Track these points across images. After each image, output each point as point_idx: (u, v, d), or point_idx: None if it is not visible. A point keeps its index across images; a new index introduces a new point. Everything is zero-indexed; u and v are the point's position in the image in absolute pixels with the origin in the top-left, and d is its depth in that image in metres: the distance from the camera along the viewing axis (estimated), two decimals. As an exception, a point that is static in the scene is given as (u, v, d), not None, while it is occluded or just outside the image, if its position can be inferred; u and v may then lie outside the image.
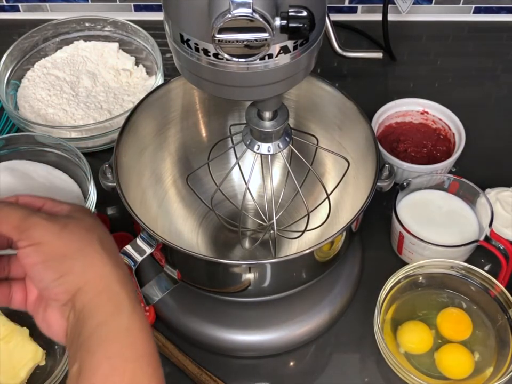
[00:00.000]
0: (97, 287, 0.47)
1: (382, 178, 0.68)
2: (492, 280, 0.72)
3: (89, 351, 0.45)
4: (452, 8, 1.10)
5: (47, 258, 0.46)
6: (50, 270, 0.47)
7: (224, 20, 0.43)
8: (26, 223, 0.47)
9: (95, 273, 0.47)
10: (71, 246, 0.47)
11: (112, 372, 0.45)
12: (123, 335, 0.46)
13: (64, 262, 0.47)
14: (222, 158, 0.79)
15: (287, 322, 0.75)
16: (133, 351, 0.46)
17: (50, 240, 0.47)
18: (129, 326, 0.47)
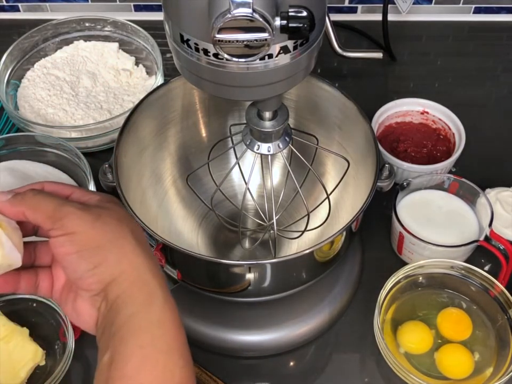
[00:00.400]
0: (130, 277, 0.47)
1: (382, 178, 0.68)
2: (492, 280, 0.72)
3: (122, 340, 0.45)
4: (452, 8, 1.10)
5: (81, 249, 0.46)
6: (84, 261, 0.47)
7: (224, 20, 0.43)
8: (59, 212, 0.47)
9: (129, 264, 0.47)
10: (105, 236, 0.47)
11: (144, 362, 0.45)
12: (155, 326, 0.46)
13: (98, 253, 0.47)
14: (222, 158, 0.79)
15: (287, 322, 0.75)
16: (165, 342, 0.46)
17: (84, 230, 0.47)
18: (161, 317, 0.47)
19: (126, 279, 0.47)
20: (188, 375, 0.47)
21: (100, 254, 0.47)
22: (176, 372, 0.46)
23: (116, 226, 0.48)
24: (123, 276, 0.47)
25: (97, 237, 0.47)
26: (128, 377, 0.44)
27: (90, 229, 0.47)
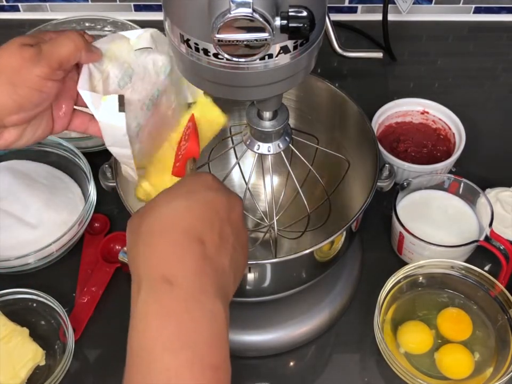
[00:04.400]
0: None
1: (382, 178, 0.68)
2: (492, 280, 0.72)
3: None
4: (452, 8, 1.10)
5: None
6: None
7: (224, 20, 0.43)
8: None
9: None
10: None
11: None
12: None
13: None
14: (222, 158, 0.79)
15: (287, 322, 0.75)
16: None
17: None
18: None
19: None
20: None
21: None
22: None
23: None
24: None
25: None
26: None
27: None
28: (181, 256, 0.45)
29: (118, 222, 0.85)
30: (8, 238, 0.80)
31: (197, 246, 0.45)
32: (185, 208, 0.47)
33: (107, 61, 0.56)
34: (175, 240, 0.45)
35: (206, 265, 0.45)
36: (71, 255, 0.82)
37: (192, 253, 0.45)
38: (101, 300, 0.77)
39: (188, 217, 0.47)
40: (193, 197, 0.48)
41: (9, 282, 0.77)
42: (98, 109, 0.54)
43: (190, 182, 0.51)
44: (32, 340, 0.71)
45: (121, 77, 0.57)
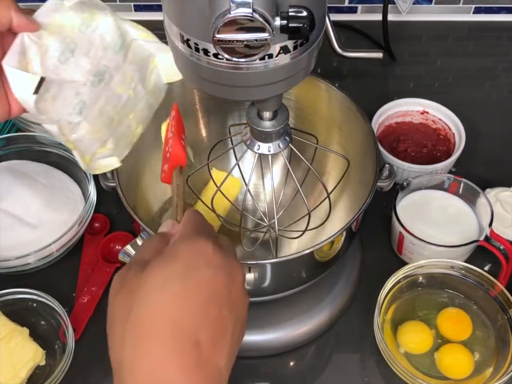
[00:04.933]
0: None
1: (382, 178, 0.68)
2: (492, 280, 0.72)
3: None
4: (452, 8, 1.10)
5: None
6: None
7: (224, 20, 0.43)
8: None
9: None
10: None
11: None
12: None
13: None
14: (222, 158, 0.79)
15: (287, 322, 0.75)
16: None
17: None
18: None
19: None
20: None
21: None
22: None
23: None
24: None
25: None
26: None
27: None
28: (172, 367, 0.39)
29: (118, 222, 0.85)
30: (8, 238, 0.80)
31: (190, 351, 0.40)
32: (179, 297, 0.41)
33: (46, 34, 0.54)
34: (167, 346, 0.40)
35: (200, 373, 0.40)
36: (71, 255, 0.82)
37: (185, 361, 0.40)
38: (101, 300, 0.77)
39: (182, 312, 0.41)
40: (189, 280, 0.41)
41: (9, 282, 0.77)
42: (19, 88, 0.52)
43: (187, 254, 0.44)
44: (32, 340, 0.71)
45: (61, 52, 0.55)
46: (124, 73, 0.59)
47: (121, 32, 0.58)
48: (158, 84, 0.63)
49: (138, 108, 0.63)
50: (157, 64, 0.61)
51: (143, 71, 0.61)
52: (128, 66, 0.59)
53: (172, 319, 0.40)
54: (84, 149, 0.58)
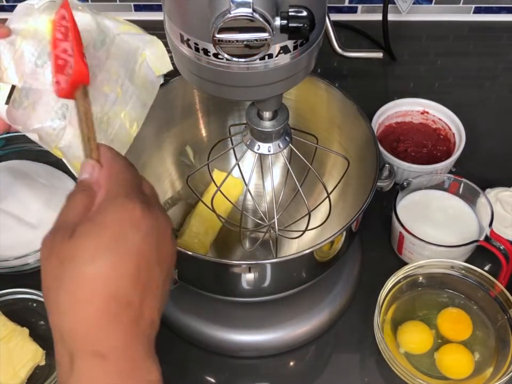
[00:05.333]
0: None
1: (382, 178, 0.68)
2: (492, 280, 0.72)
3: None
4: (452, 8, 1.10)
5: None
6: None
7: (224, 19, 0.43)
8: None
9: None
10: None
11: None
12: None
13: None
14: (222, 158, 0.79)
15: (287, 322, 0.75)
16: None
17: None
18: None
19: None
20: None
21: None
22: None
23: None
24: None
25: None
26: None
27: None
28: (110, 327, 0.42)
29: (118, 222, 0.85)
30: (8, 238, 0.80)
31: (124, 311, 0.42)
32: (110, 268, 0.42)
33: (20, 39, 0.53)
34: (102, 310, 0.41)
35: (136, 331, 0.43)
36: (71, 255, 0.81)
37: (121, 321, 0.42)
38: (101, 300, 0.77)
39: (113, 279, 0.42)
40: (119, 250, 0.42)
41: (9, 282, 0.77)
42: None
43: (114, 222, 0.43)
44: (32, 340, 0.71)
45: (38, 56, 0.53)
46: (107, 70, 0.57)
47: (101, 29, 0.56)
48: (149, 78, 0.61)
49: (129, 106, 0.61)
50: (146, 57, 0.60)
51: (130, 66, 0.60)
52: (111, 62, 0.57)
53: (104, 287, 0.42)
54: (76, 154, 0.56)
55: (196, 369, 0.74)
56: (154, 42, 0.61)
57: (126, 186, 0.46)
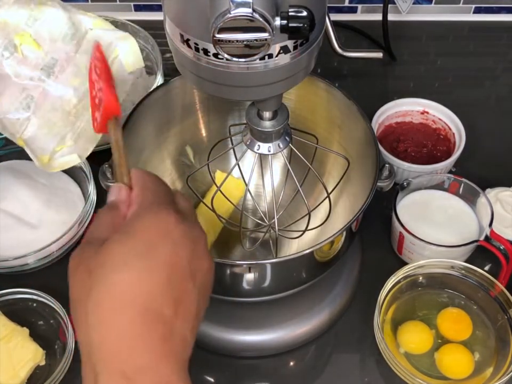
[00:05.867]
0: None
1: (382, 178, 0.68)
2: (492, 280, 0.72)
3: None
4: (452, 8, 1.10)
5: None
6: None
7: (224, 19, 0.43)
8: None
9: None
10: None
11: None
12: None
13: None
14: (222, 158, 0.79)
15: (287, 322, 0.75)
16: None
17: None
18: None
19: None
20: None
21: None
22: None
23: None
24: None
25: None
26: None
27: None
28: (141, 344, 0.39)
29: (118, 222, 0.85)
30: (8, 238, 0.80)
31: (156, 325, 0.40)
32: (141, 275, 0.40)
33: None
34: (133, 323, 0.39)
35: (167, 349, 0.40)
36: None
37: (152, 338, 0.40)
38: (101, 300, 0.77)
39: (146, 289, 0.40)
40: (150, 258, 0.41)
41: (9, 282, 0.77)
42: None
43: (146, 230, 0.42)
44: (32, 340, 0.71)
45: (4, 47, 0.53)
46: (76, 64, 0.56)
47: (72, 23, 0.56)
48: (120, 74, 0.60)
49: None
50: (118, 53, 0.59)
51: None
52: (82, 56, 0.56)
53: (136, 297, 0.40)
54: (41, 146, 0.55)
55: (196, 369, 0.73)
56: (127, 39, 0.60)
57: (160, 197, 0.45)
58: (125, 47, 0.58)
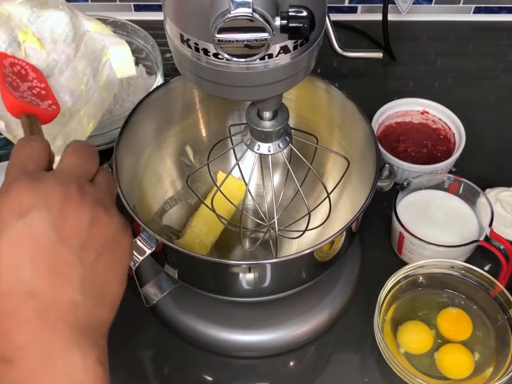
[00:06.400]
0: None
1: (382, 178, 0.68)
2: (492, 280, 0.72)
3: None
4: (452, 8, 1.10)
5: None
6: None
7: (224, 19, 0.43)
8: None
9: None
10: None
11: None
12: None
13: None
14: (222, 158, 0.79)
15: (287, 322, 0.75)
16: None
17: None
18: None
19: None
20: None
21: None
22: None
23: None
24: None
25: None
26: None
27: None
28: (11, 326, 0.38)
29: (118, 222, 0.85)
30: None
31: (25, 305, 0.38)
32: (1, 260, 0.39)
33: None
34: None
35: (45, 320, 0.39)
36: (71, 255, 0.81)
37: (22, 317, 0.38)
38: (101, 300, 0.77)
39: (6, 271, 0.39)
40: (1, 241, 0.39)
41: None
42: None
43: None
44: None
45: (8, 44, 0.52)
46: (75, 67, 0.56)
47: (73, 24, 0.55)
48: (110, 78, 0.60)
49: (89, 103, 0.59)
50: (109, 57, 0.59)
51: (95, 64, 0.59)
52: (79, 59, 0.56)
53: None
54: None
55: (196, 369, 0.74)
56: (121, 45, 0.60)
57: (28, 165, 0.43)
58: (117, 53, 0.58)
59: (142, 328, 0.75)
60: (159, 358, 0.74)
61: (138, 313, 0.75)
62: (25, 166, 0.43)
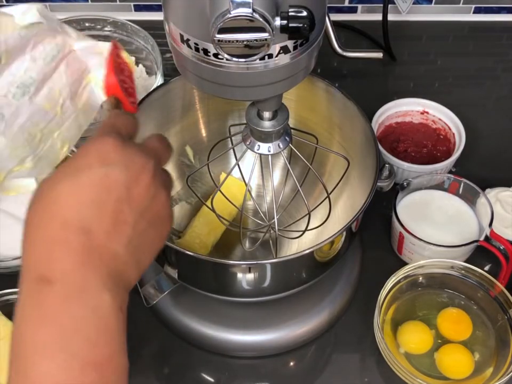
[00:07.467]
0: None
1: (382, 178, 0.68)
2: (492, 280, 0.72)
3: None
4: (452, 8, 1.10)
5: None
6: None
7: (224, 19, 0.43)
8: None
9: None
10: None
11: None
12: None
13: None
14: (222, 158, 0.79)
15: (287, 322, 0.75)
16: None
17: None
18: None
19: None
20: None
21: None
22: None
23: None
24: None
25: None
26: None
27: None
28: (59, 251, 0.41)
29: (118, 222, 0.85)
30: (8, 238, 0.80)
31: (77, 237, 0.42)
32: (67, 193, 0.43)
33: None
34: (52, 235, 0.42)
35: (90, 257, 0.42)
36: (71, 255, 0.81)
37: (71, 247, 0.42)
38: (101, 300, 0.77)
39: (69, 205, 0.42)
40: (79, 178, 0.43)
41: (9, 282, 0.77)
42: None
43: (82, 154, 0.45)
44: (32, 340, 0.71)
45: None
46: (51, 87, 0.54)
47: (56, 42, 0.54)
48: (90, 101, 0.58)
49: (65, 126, 0.58)
50: (90, 80, 0.57)
51: (75, 86, 0.56)
52: (56, 80, 0.54)
53: (58, 212, 0.42)
54: (2, 165, 0.53)
55: (196, 369, 0.74)
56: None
57: (112, 128, 0.49)
58: (100, 75, 0.57)
59: (142, 328, 0.75)
60: (159, 358, 0.74)
61: (138, 313, 0.75)
62: (119, 130, 0.48)
